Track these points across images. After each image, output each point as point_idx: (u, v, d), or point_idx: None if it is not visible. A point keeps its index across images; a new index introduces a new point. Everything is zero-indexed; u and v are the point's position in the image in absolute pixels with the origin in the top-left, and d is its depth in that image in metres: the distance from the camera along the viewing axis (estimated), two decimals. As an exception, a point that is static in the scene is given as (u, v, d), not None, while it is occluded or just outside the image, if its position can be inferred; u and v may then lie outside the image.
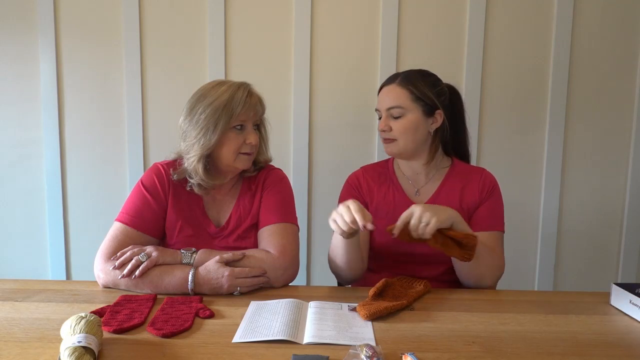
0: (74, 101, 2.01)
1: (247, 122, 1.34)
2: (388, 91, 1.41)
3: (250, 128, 1.35)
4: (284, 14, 1.96)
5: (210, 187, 1.38)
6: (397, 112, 1.39)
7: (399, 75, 1.43)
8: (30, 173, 2.04)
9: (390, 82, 1.42)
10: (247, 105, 1.32)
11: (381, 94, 1.43)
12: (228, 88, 1.32)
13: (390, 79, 1.44)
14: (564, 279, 2.10)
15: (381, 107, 1.42)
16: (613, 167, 2.05)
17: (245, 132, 1.34)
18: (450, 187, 1.44)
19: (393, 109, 1.39)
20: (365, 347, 0.89)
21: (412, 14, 1.95)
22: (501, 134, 2.02)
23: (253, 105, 1.34)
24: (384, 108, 1.41)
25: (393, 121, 1.39)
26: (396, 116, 1.39)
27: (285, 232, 1.34)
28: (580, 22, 1.97)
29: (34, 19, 1.96)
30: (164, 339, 0.97)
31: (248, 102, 1.32)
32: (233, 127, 1.32)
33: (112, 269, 1.23)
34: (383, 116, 1.41)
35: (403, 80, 1.41)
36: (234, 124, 1.32)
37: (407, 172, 1.48)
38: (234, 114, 1.30)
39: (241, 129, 1.33)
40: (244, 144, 1.34)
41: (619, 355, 0.95)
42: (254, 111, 1.34)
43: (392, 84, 1.41)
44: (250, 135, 1.34)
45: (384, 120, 1.41)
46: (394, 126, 1.39)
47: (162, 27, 1.97)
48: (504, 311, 1.14)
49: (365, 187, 1.48)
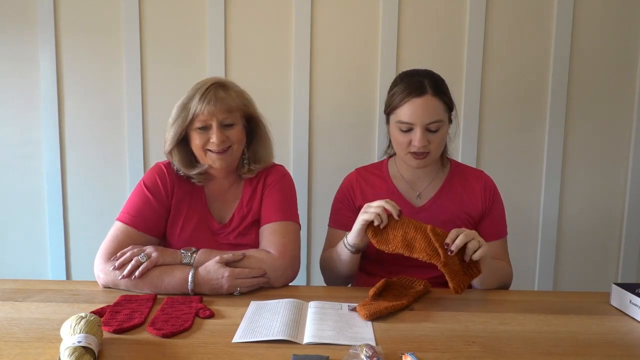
0: (74, 101, 2.00)
1: (209, 122, 1.32)
2: (425, 104, 1.29)
3: (215, 127, 1.32)
4: (284, 14, 1.96)
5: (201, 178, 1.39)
6: (436, 127, 1.30)
7: (426, 83, 1.31)
8: (30, 173, 2.04)
9: (423, 93, 1.30)
10: (205, 104, 1.30)
11: (414, 107, 1.30)
12: (197, 87, 1.34)
13: (418, 88, 1.30)
14: (564, 279, 2.10)
15: (418, 121, 1.29)
16: (613, 167, 2.05)
17: (210, 131, 1.33)
18: (450, 191, 1.44)
19: (433, 123, 1.30)
20: (365, 347, 0.89)
21: (412, 13, 1.95)
22: (501, 134, 2.02)
23: (215, 102, 1.30)
24: (423, 123, 1.29)
25: (431, 135, 1.31)
26: (434, 130, 1.31)
27: (287, 231, 1.34)
28: (580, 22, 1.97)
29: (34, 18, 1.95)
30: (164, 339, 0.97)
31: (208, 100, 1.30)
32: (197, 128, 1.32)
33: (112, 270, 1.23)
34: (420, 131, 1.29)
35: (435, 90, 1.31)
36: (196, 125, 1.32)
37: (408, 176, 1.45)
38: (189, 114, 1.31)
39: (204, 128, 1.33)
40: (208, 143, 1.33)
41: (619, 355, 0.95)
42: (217, 108, 1.31)
43: (426, 94, 1.29)
44: (213, 134, 1.32)
45: (423, 135, 1.29)
46: (431, 140, 1.31)
47: (162, 28, 1.97)
48: (504, 311, 1.14)
49: (359, 191, 1.46)
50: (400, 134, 1.34)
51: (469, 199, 1.43)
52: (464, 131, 1.99)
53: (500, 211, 1.46)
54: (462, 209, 1.42)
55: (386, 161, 1.51)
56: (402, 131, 1.33)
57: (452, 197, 1.43)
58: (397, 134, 1.35)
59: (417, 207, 1.42)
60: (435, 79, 1.35)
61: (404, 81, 1.35)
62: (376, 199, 1.42)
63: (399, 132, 1.34)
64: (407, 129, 1.32)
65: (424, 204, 1.43)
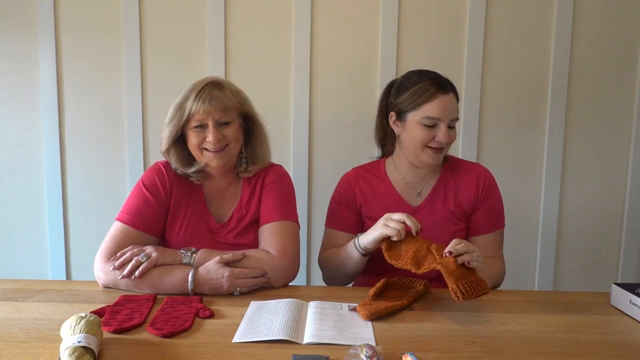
0: (74, 101, 2.00)
1: (205, 121, 1.32)
2: (450, 100, 1.36)
3: (211, 126, 1.32)
4: (284, 14, 1.96)
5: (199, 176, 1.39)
6: (454, 123, 1.38)
7: (446, 82, 1.38)
8: (30, 173, 2.04)
9: (448, 91, 1.36)
10: (200, 103, 1.30)
11: (444, 102, 1.34)
12: (193, 86, 1.35)
13: (444, 86, 1.36)
14: (564, 279, 2.10)
15: (445, 117, 1.34)
16: (613, 167, 2.05)
17: (206, 130, 1.33)
18: (446, 186, 1.44)
19: (455, 120, 1.37)
20: (365, 347, 0.89)
21: (412, 14, 1.95)
22: (501, 134, 2.02)
23: (210, 101, 1.31)
24: (449, 119, 1.35)
25: (450, 131, 1.37)
26: (452, 126, 1.37)
27: (286, 231, 1.34)
28: (580, 22, 1.97)
29: (34, 18, 1.95)
30: (164, 339, 0.97)
31: (203, 99, 1.31)
32: (194, 127, 1.33)
33: (112, 270, 1.23)
34: (444, 127, 1.34)
35: (453, 88, 1.38)
36: (192, 124, 1.33)
37: (408, 174, 1.46)
38: (184, 113, 1.32)
39: (200, 127, 1.33)
40: (204, 142, 1.34)
41: (619, 355, 0.95)
42: (212, 107, 1.31)
43: (450, 93, 1.36)
44: (209, 133, 1.33)
45: (446, 130, 1.35)
46: (451, 135, 1.37)
47: (162, 27, 1.97)
48: (504, 311, 1.14)
49: (358, 190, 1.46)
50: (424, 130, 1.36)
51: (461, 191, 1.43)
52: (464, 131, 1.99)
53: (495, 203, 1.45)
54: (456, 203, 1.42)
55: (383, 161, 1.51)
56: (427, 127, 1.35)
57: (446, 192, 1.43)
58: (420, 130, 1.36)
59: (413, 206, 1.43)
60: (445, 78, 1.40)
61: (425, 80, 1.37)
62: (375, 199, 1.44)
63: (422, 128, 1.36)
64: (432, 124, 1.35)
65: (421, 202, 1.44)
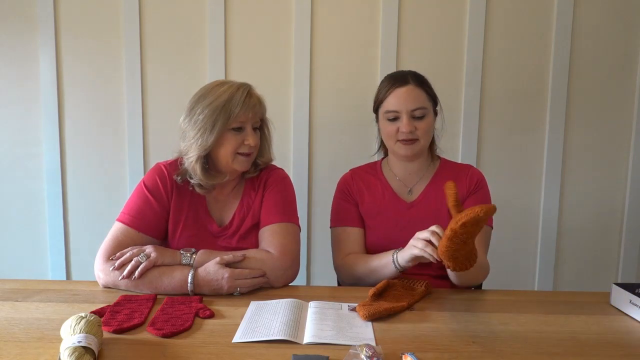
0: (74, 101, 2.00)
1: (245, 124, 1.33)
2: (408, 92, 1.39)
3: (249, 129, 1.33)
4: (284, 14, 1.96)
5: (210, 187, 1.38)
6: (420, 113, 1.39)
7: (408, 76, 1.42)
8: (31, 173, 2.04)
9: (406, 83, 1.40)
10: (245, 107, 1.30)
11: (399, 95, 1.40)
12: (228, 89, 1.31)
13: (401, 79, 1.41)
14: (564, 279, 2.10)
15: (402, 108, 1.39)
16: (613, 167, 2.05)
17: (244, 134, 1.33)
18: (438, 185, 1.45)
19: (417, 109, 1.39)
20: (365, 347, 0.89)
21: (412, 14, 1.95)
22: (501, 134, 2.02)
23: (252, 106, 1.32)
24: (408, 109, 1.38)
25: (416, 122, 1.39)
26: (419, 116, 1.39)
27: (286, 232, 1.34)
28: (580, 22, 1.97)
29: (34, 18, 1.96)
30: (164, 339, 0.97)
31: (247, 103, 1.31)
32: (231, 129, 1.31)
33: (112, 270, 1.23)
34: (405, 117, 1.38)
35: (416, 80, 1.41)
36: (232, 126, 1.31)
37: (400, 172, 1.49)
38: (232, 115, 1.29)
39: (239, 130, 1.33)
40: (242, 145, 1.33)
41: (619, 355, 0.95)
42: (253, 112, 1.33)
43: (409, 84, 1.40)
44: (249, 137, 1.33)
45: (408, 121, 1.38)
46: (418, 127, 1.39)
47: (162, 28, 1.97)
48: (504, 311, 1.14)
49: (355, 190, 1.50)
50: (388, 124, 1.42)
51: None
52: (464, 131, 1.99)
53: (484, 198, 1.46)
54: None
55: (379, 162, 1.56)
56: (390, 120, 1.41)
57: (439, 191, 1.45)
58: (386, 125, 1.43)
59: (408, 202, 1.46)
60: (417, 74, 1.45)
61: (387, 77, 1.47)
62: (371, 197, 1.48)
63: (387, 123, 1.42)
64: (393, 117, 1.41)
65: (415, 199, 1.46)
